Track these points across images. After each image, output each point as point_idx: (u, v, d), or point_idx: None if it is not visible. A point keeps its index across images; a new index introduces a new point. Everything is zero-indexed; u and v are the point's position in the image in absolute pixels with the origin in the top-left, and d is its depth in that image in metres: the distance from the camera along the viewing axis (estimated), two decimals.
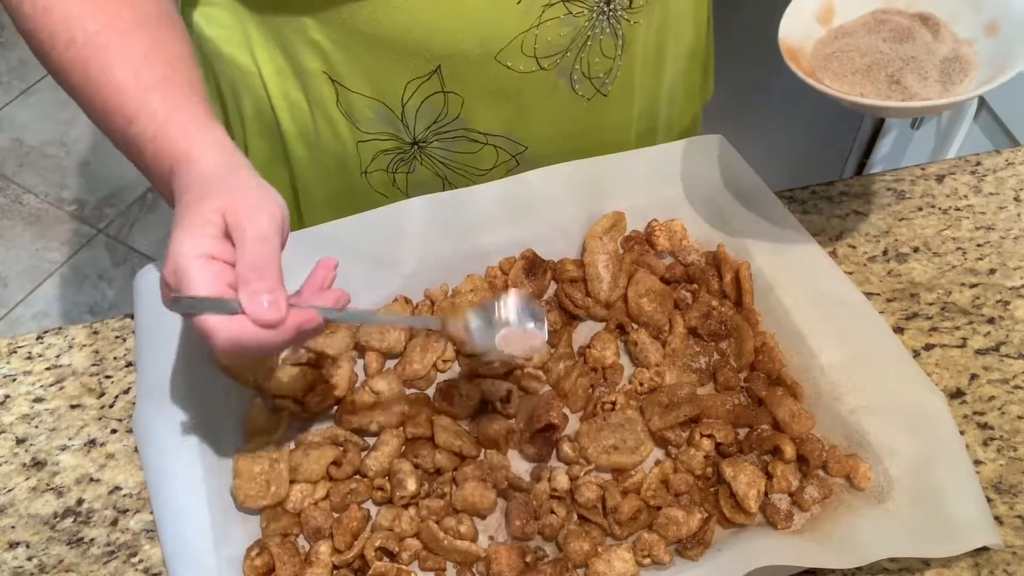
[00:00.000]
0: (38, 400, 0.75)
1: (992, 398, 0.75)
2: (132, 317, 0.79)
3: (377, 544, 0.65)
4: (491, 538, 0.68)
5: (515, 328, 0.63)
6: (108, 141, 0.69)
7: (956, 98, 0.68)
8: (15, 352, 0.78)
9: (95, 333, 0.80)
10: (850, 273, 0.83)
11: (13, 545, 0.68)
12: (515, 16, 0.73)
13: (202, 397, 0.71)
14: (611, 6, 0.76)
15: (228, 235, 0.56)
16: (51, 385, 0.76)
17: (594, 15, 0.76)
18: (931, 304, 0.81)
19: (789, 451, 0.68)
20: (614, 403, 0.73)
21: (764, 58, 1.71)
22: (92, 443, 0.73)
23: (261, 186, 0.59)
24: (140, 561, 0.67)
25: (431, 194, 0.82)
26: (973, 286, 0.82)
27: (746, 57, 1.65)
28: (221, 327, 0.54)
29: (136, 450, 0.72)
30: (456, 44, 0.74)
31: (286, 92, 0.82)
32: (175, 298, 0.54)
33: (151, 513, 0.68)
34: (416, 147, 0.84)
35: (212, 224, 0.56)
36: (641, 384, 0.74)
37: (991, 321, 0.80)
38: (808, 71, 0.72)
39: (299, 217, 0.97)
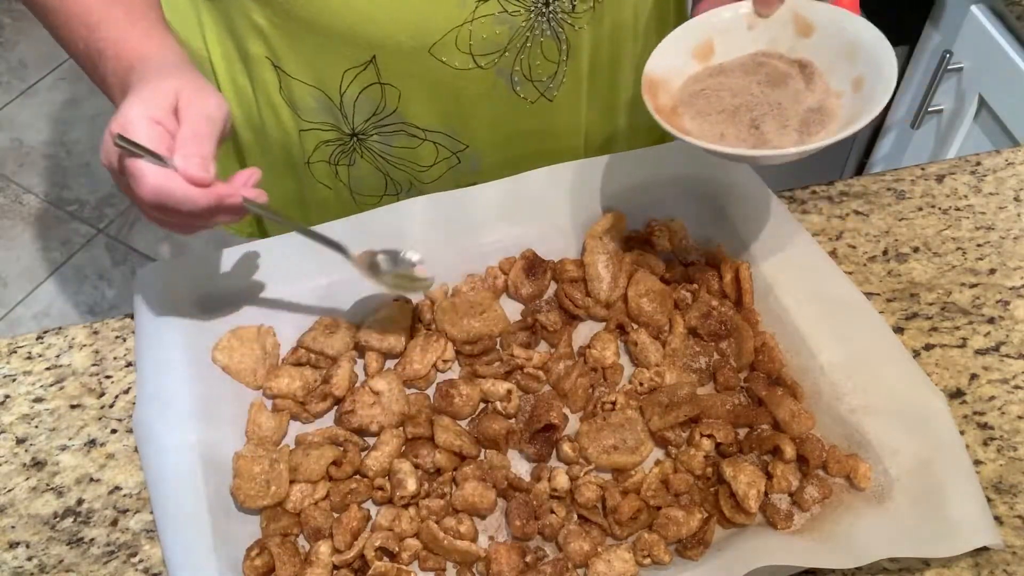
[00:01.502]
0: (38, 400, 0.75)
1: (992, 398, 0.75)
2: (132, 317, 0.79)
3: (377, 544, 0.65)
4: (491, 538, 0.68)
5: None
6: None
7: (797, 149, 0.66)
8: (15, 352, 0.78)
9: (95, 333, 0.80)
10: (850, 273, 0.83)
11: (13, 545, 0.68)
12: (448, 9, 0.73)
13: (202, 397, 0.71)
14: (551, 8, 0.76)
15: (176, 115, 0.62)
16: (51, 385, 0.76)
17: (532, 16, 0.76)
18: (931, 304, 0.81)
19: (789, 451, 0.68)
20: (614, 403, 0.73)
21: None
22: (92, 443, 0.73)
23: (210, 85, 0.66)
24: (140, 561, 0.67)
25: (431, 194, 0.82)
26: (973, 286, 0.82)
27: None
28: (151, 172, 0.59)
29: (136, 450, 0.72)
30: (389, 34, 0.74)
31: (233, 77, 0.84)
32: (119, 136, 0.59)
33: (151, 513, 0.68)
34: (356, 139, 0.85)
35: (164, 98, 0.62)
36: (641, 384, 0.74)
37: (991, 321, 0.80)
38: (668, 106, 0.71)
39: (259, 220, 0.98)
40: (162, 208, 0.61)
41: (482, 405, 0.74)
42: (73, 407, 0.75)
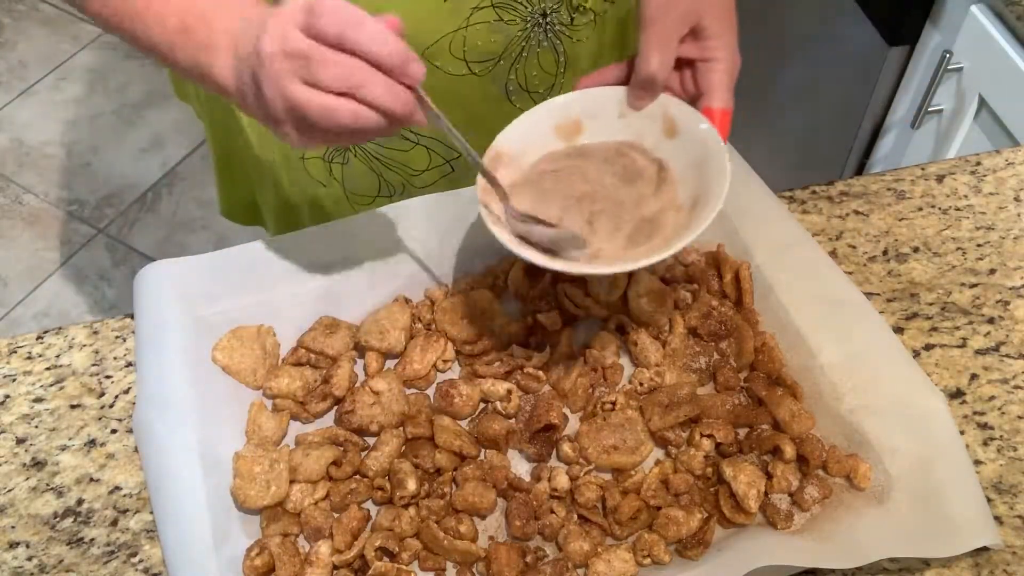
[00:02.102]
0: (38, 400, 0.75)
1: (992, 398, 0.75)
2: (132, 317, 0.79)
3: (377, 544, 0.65)
4: (491, 538, 0.68)
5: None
6: (108, 141, 0.70)
7: (607, 269, 0.65)
8: (15, 352, 0.78)
9: (95, 333, 0.80)
10: (850, 273, 0.83)
11: (13, 545, 0.68)
12: (442, 14, 0.73)
13: (202, 397, 0.71)
14: (548, 19, 0.76)
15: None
16: (51, 385, 0.76)
17: (528, 26, 0.75)
18: (931, 304, 0.81)
19: (789, 451, 0.68)
20: (614, 403, 0.73)
21: (763, 59, 1.71)
22: (92, 443, 0.73)
23: None
24: (140, 561, 0.67)
25: (432, 194, 0.82)
26: (973, 286, 0.82)
27: (744, 57, 1.65)
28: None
29: (136, 450, 0.72)
30: None
31: None
32: None
33: (151, 513, 0.68)
34: None
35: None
36: (641, 384, 0.74)
37: (991, 321, 0.80)
38: (507, 182, 0.69)
39: (255, 208, 0.97)
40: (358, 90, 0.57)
41: (482, 405, 0.74)
42: (73, 407, 0.75)
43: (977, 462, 0.71)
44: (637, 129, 0.72)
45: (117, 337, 0.79)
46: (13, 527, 0.69)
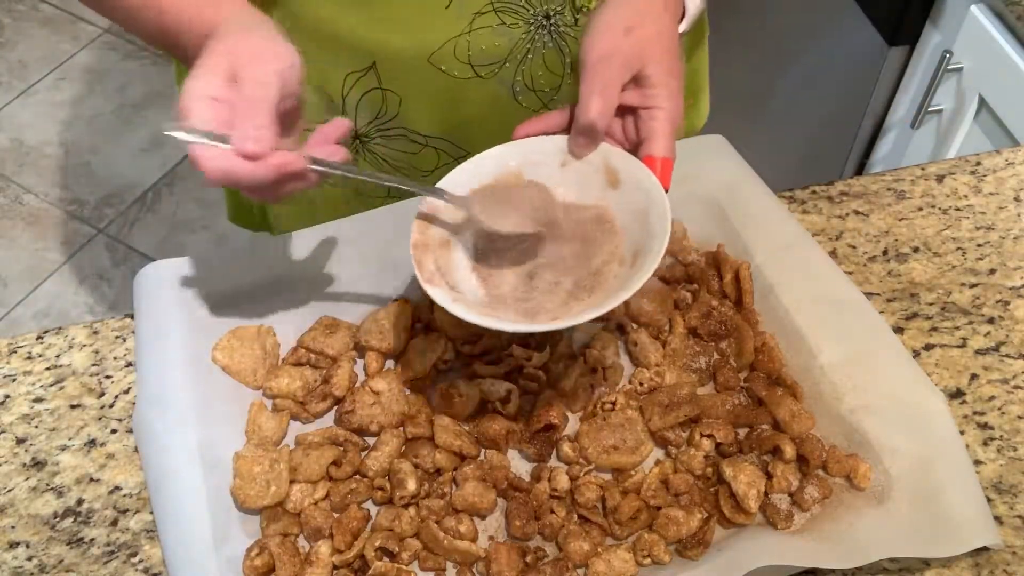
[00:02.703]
0: (38, 400, 0.75)
1: (992, 398, 0.75)
2: (132, 317, 0.79)
3: (377, 544, 0.65)
4: (491, 538, 0.68)
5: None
6: (108, 141, 0.70)
7: (541, 327, 0.63)
8: (15, 352, 0.78)
9: (95, 333, 0.80)
10: (850, 273, 0.83)
11: (13, 545, 0.68)
12: (445, 21, 0.73)
13: (202, 397, 0.71)
14: (551, 21, 0.76)
15: (234, 79, 0.60)
16: (51, 385, 0.76)
17: (532, 28, 0.75)
18: (931, 304, 0.81)
19: (789, 451, 0.68)
20: (614, 403, 0.73)
21: (763, 59, 1.71)
22: (92, 443, 0.73)
23: (275, 39, 0.62)
24: (140, 561, 0.67)
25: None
26: (973, 286, 0.82)
27: (745, 58, 1.65)
28: (208, 155, 0.57)
29: (136, 450, 0.72)
30: (388, 43, 0.74)
31: None
32: (173, 126, 0.59)
33: (151, 513, 0.68)
34: (358, 141, 0.84)
35: (220, 67, 0.59)
36: (641, 384, 0.74)
37: (991, 321, 0.80)
38: (438, 240, 0.67)
39: (263, 212, 0.97)
40: (235, 186, 0.59)
41: (482, 405, 0.74)
42: (73, 407, 0.75)
43: (977, 462, 0.71)
44: (580, 179, 0.69)
45: (117, 337, 0.79)
46: (13, 527, 0.69)
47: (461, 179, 0.69)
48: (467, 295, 0.66)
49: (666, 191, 0.65)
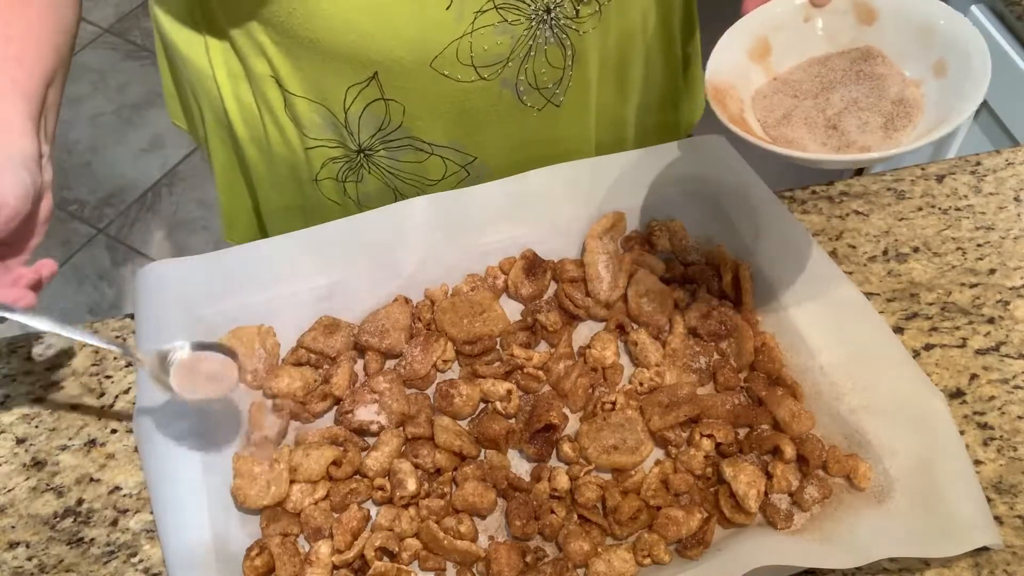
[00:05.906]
0: (38, 400, 0.75)
1: (992, 398, 0.75)
2: (132, 317, 0.79)
3: (377, 544, 0.65)
4: (491, 538, 0.68)
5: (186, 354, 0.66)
6: (108, 141, 0.70)
7: (892, 151, 0.61)
8: (15, 352, 0.78)
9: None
10: (850, 273, 0.83)
11: (13, 545, 0.68)
12: (446, 23, 0.73)
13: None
14: (552, 15, 0.75)
15: None
16: (51, 385, 0.76)
17: (533, 24, 0.75)
18: (931, 304, 0.81)
19: (789, 451, 0.68)
20: (614, 403, 0.73)
21: None
22: (92, 443, 0.73)
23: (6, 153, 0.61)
24: (140, 561, 0.67)
25: (432, 194, 0.82)
26: (973, 286, 0.82)
27: None
28: None
29: (136, 450, 0.72)
30: (389, 50, 0.74)
31: (238, 95, 0.82)
32: None
33: (151, 513, 0.68)
34: (363, 155, 0.84)
35: None
36: (641, 384, 0.74)
37: (991, 321, 0.80)
38: (738, 114, 0.66)
39: (259, 223, 0.97)
40: None
41: (482, 405, 0.74)
42: (73, 407, 0.75)
43: (977, 462, 0.71)
44: (828, 28, 0.69)
45: (117, 337, 0.79)
46: (13, 527, 0.69)
47: (724, 66, 0.67)
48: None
49: None
